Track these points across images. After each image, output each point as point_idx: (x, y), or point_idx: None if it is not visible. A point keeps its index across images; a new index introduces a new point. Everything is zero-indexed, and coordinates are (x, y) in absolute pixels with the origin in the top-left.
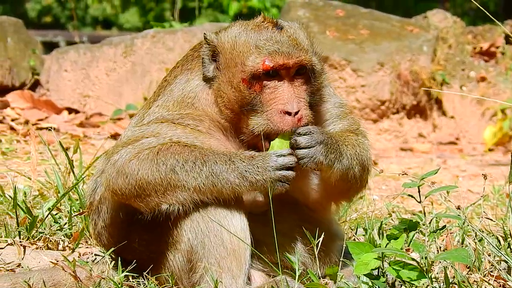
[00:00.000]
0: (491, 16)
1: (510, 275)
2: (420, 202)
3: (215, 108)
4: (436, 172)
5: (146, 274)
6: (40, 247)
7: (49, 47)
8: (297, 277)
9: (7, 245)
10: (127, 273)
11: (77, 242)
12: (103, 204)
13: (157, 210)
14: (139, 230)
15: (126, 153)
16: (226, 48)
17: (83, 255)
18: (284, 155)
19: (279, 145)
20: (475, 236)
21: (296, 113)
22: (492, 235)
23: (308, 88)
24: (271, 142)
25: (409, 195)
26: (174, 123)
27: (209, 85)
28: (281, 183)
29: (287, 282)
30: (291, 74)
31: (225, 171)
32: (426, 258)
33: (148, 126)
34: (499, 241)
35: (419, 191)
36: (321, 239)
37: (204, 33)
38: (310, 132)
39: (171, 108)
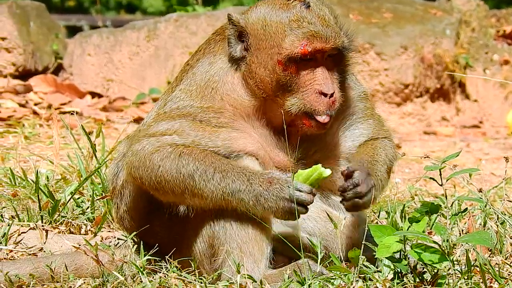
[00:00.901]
0: None
1: None
2: (441, 185)
3: (241, 90)
4: (458, 155)
5: (168, 258)
6: (62, 231)
7: (73, 31)
8: (319, 260)
9: (29, 229)
10: (149, 257)
11: (99, 226)
12: (125, 188)
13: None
14: (160, 215)
15: (149, 145)
16: (256, 29)
17: (105, 239)
18: (302, 191)
19: (304, 177)
20: (497, 219)
21: (332, 95)
22: None
23: (339, 68)
24: (299, 170)
25: (430, 178)
26: (196, 119)
27: (235, 67)
28: (291, 214)
29: (309, 265)
30: (326, 56)
31: (242, 191)
32: (447, 241)
33: (172, 119)
34: None
35: (440, 174)
36: (343, 222)
37: (229, 14)
38: (358, 183)
39: (194, 95)
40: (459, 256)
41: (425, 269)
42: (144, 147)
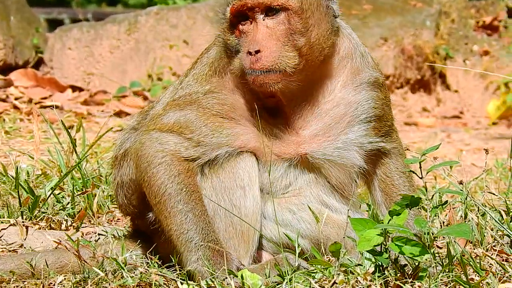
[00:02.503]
0: None
1: None
2: (421, 177)
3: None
4: (437, 148)
5: (148, 254)
6: (43, 227)
7: (54, 24)
8: (297, 254)
9: (9, 225)
10: (130, 254)
11: (81, 221)
12: (125, 160)
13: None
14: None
15: (154, 147)
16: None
17: (86, 234)
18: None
19: (251, 277)
20: (478, 210)
21: (257, 51)
22: (495, 210)
23: (287, 28)
24: (247, 272)
25: (410, 171)
26: (200, 107)
27: None
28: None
29: (287, 260)
30: (260, 15)
31: (195, 242)
32: (428, 233)
33: (180, 109)
34: (501, 215)
35: (420, 167)
36: (325, 215)
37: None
38: None
39: (203, 79)
40: (441, 248)
41: (406, 262)
42: (150, 145)
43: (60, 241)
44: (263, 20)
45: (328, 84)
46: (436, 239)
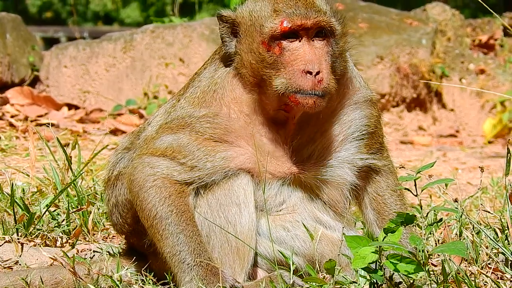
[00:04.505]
0: (489, 8)
1: (507, 267)
2: (416, 195)
3: (240, 88)
4: (432, 166)
5: (143, 271)
6: (38, 244)
7: (50, 43)
8: (291, 271)
9: (4, 242)
10: (126, 271)
11: (76, 238)
12: (119, 180)
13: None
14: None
15: (145, 172)
16: (245, 17)
17: (81, 251)
18: None
19: None
20: (473, 228)
21: (318, 73)
22: (490, 228)
23: (330, 51)
24: None
25: (405, 188)
26: (193, 131)
27: (233, 65)
28: None
29: (281, 277)
30: (311, 36)
31: (187, 268)
32: (423, 251)
33: (173, 132)
34: (496, 233)
35: (415, 185)
36: (320, 233)
37: (218, 12)
38: None
39: (196, 102)
40: (435, 266)
41: (401, 280)
42: (141, 170)
43: (56, 257)
44: (313, 40)
45: (329, 106)
46: (431, 256)
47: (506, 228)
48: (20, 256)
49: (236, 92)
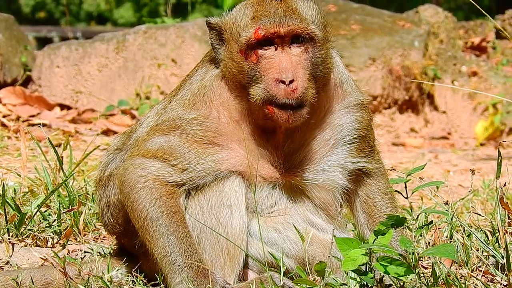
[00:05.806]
0: (482, 10)
1: (498, 270)
2: (407, 197)
3: (227, 93)
4: (423, 168)
5: (134, 272)
6: (29, 244)
7: (43, 42)
8: (281, 273)
9: None
10: (116, 272)
11: (67, 239)
12: (110, 180)
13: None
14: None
15: (136, 173)
16: (228, 25)
17: (72, 252)
18: None
19: None
20: (464, 231)
21: (291, 81)
22: (481, 230)
23: (309, 58)
24: None
25: (396, 191)
26: (184, 133)
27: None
28: None
29: (272, 279)
30: (287, 43)
31: (178, 269)
32: (413, 253)
33: (164, 134)
34: (487, 236)
35: (405, 187)
36: (310, 234)
37: (207, 19)
38: None
39: (186, 104)
40: (426, 268)
41: (391, 282)
42: (132, 171)
43: (46, 258)
44: (289, 47)
45: (319, 111)
46: (421, 259)
47: (497, 231)
48: (11, 256)
49: (224, 96)
